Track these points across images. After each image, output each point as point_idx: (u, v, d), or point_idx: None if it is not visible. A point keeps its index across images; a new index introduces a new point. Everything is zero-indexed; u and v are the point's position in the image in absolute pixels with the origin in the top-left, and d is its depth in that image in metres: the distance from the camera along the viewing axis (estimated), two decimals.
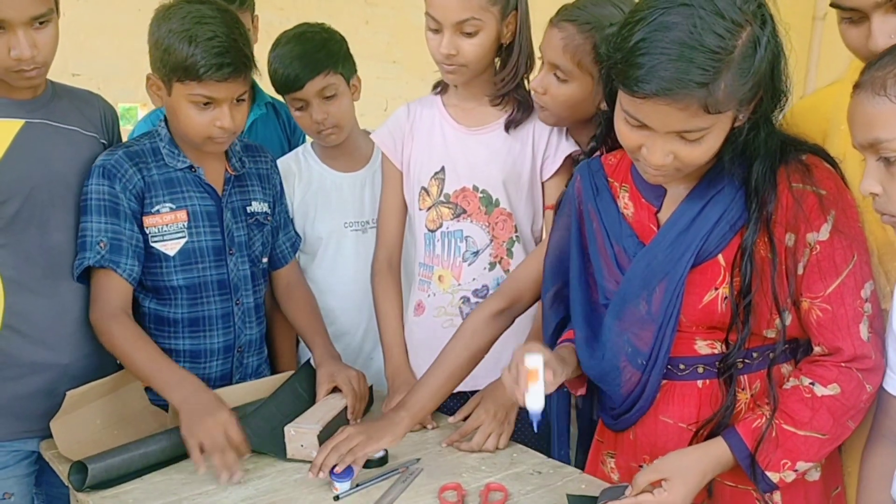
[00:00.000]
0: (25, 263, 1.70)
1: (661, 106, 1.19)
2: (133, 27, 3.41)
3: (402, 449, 1.66)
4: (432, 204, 1.86)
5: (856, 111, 1.24)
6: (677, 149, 1.25)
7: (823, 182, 1.32)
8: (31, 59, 1.61)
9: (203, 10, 1.69)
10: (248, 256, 1.89)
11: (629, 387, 1.44)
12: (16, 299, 1.69)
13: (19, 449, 1.74)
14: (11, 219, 1.67)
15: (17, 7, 1.56)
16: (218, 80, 1.67)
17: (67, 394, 1.64)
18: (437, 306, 1.87)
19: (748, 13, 1.19)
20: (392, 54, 4.16)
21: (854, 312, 1.31)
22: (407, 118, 1.92)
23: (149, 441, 1.60)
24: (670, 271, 1.36)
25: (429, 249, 1.88)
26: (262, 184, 1.95)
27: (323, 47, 2.02)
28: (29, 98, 1.71)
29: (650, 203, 1.44)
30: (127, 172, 1.74)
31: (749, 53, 1.19)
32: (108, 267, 1.72)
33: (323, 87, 2.01)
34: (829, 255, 1.31)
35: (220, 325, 1.85)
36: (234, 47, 1.68)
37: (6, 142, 1.66)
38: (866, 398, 1.32)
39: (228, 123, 1.72)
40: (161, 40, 1.68)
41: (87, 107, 1.85)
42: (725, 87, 1.17)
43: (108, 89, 3.26)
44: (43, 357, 1.72)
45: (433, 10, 1.70)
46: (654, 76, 1.17)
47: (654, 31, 1.18)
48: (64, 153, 1.75)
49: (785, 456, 1.32)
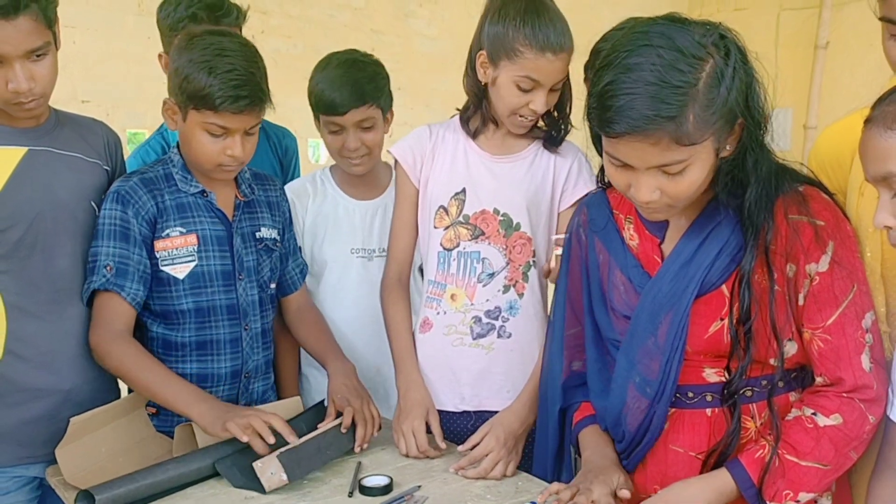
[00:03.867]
0: (29, 289, 1.70)
1: (635, 143, 1.23)
2: (141, 55, 3.49)
3: (406, 477, 1.65)
4: (450, 223, 1.87)
5: (868, 145, 1.27)
6: (662, 184, 1.28)
7: (821, 213, 1.33)
8: (29, 92, 1.62)
9: (224, 42, 1.74)
10: (256, 281, 1.90)
11: (637, 417, 1.44)
12: (19, 325, 1.69)
13: (21, 475, 1.74)
14: (15, 245, 1.68)
15: (13, 41, 1.58)
16: (233, 112, 1.70)
17: (71, 421, 1.64)
18: (448, 324, 1.87)
19: (708, 46, 1.23)
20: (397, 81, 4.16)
21: (855, 343, 1.32)
22: (429, 138, 1.93)
23: (156, 470, 1.60)
24: (675, 304, 1.38)
25: (442, 268, 1.88)
26: (272, 211, 1.97)
27: (372, 80, 2.06)
28: (32, 126, 1.73)
29: (653, 235, 1.46)
30: (141, 199, 1.76)
31: (714, 84, 1.22)
32: (113, 290, 1.73)
33: (364, 117, 2.04)
34: (828, 285, 1.32)
35: (227, 349, 1.85)
36: (252, 81, 1.72)
37: (9, 169, 1.68)
38: (869, 429, 1.33)
39: (239, 153, 1.75)
40: (181, 68, 1.72)
41: (90, 134, 1.86)
42: (694, 119, 1.21)
43: (116, 115, 3.31)
44: (45, 382, 1.72)
45: (531, 72, 1.71)
46: (623, 116, 1.21)
47: (620, 74, 1.23)
48: (67, 180, 1.76)
49: (788, 487, 1.32)
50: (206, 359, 1.84)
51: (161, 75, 3.45)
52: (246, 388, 1.90)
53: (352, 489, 1.60)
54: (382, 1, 4.35)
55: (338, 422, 1.76)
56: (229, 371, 1.86)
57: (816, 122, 5.14)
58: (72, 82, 1.82)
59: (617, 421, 1.48)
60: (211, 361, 1.84)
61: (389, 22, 4.33)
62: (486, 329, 1.84)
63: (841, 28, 5.12)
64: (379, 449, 1.80)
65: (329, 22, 4.18)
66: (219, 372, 1.85)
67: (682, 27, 1.25)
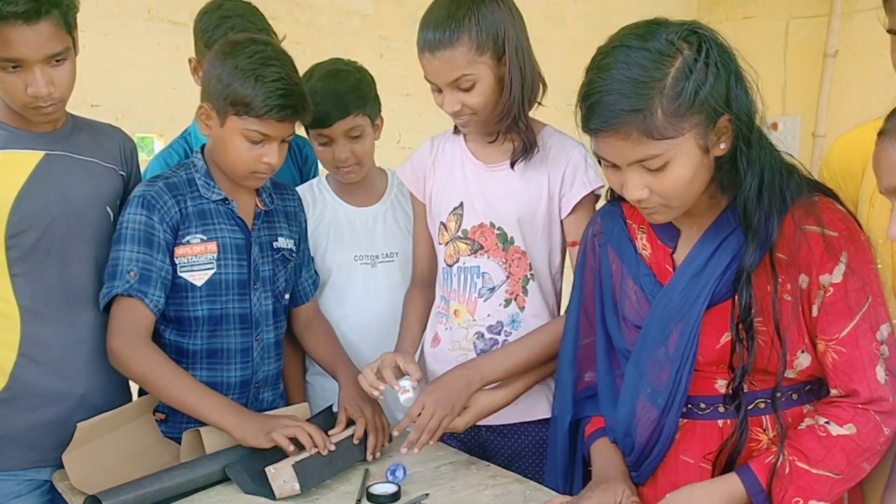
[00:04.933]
0: (44, 293, 1.71)
1: (609, 140, 1.27)
2: (151, 60, 3.51)
3: (414, 485, 1.65)
4: (450, 239, 1.86)
5: (881, 157, 1.27)
6: (647, 181, 1.29)
7: (834, 224, 1.32)
8: (48, 96, 1.63)
9: (268, 50, 1.74)
10: (271, 291, 1.90)
11: (647, 428, 1.44)
12: (33, 329, 1.70)
13: (32, 478, 1.74)
14: (31, 249, 1.68)
15: (34, 46, 1.58)
16: (277, 120, 1.71)
17: (78, 426, 1.64)
18: (453, 340, 1.87)
19: (677, 43, 1.25)
20: (406, 87, 4.18)
21: (870, 355, 1.31)
22: (430, 153, 1.93)
23: (163, 476, 1.60)
24: (686, 314, 1.37)
25: (446, 283, 1.88)
26: (289, 221, 1.97)
27: (355, 88, 2.04)
28: (49, 131, 1.74)
29: (665, 244, 1.46)
30: (166, 204, 1.76)
31: (681, 79, 1.23)
32: (136, 296, 1.72)
33: (351, 127, 2.03)
34: (842, 297, 1.31)
35: (238, 359, 1.85)
36: (296, 91, 1.74)
37: (26, 173, 1.68)
38: (883, 441, 1.31)
39: (275, 161, 1.76)
40: (224, 75, 1.71)
41: (106, 139, 1.87)
42: (662, 113, 1.23)
43: (125, 120, 3.33)
44: (59, 387, 1.73)
45: (428, 75, 1.73)
46: (593, 113, 1.27)
47: (594, 74, 1.28)
48: (83, 185, 1.76)
49: (797, 493, 1.30)
50: (216, 367, 1.83)
51: (170, 81, 3.51)
52: (255, 398, 1.90)
53: (360, 496, 1.60)
54: (391, 7, 4.36)
55: (350, 431, 1.76)
56: (239, 380, 1.86)
57: (825, 130, 5.14)
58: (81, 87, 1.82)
59: (626, 432, 1.48)
60: (221, 370, 1.84)
61: (398, 28, 4.33)
62: (490, 344, 1.83)
63: (850, 37, 5.12)
64: (387, 457, 1.80)
65: (338, 28, 4.18)
66: (228, 381, 1.85)
67: (658, 27, 1.28)
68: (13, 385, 1.70)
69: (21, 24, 1.55)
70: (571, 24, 5.01)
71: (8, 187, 1.66)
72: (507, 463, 1.86)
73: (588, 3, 5.13)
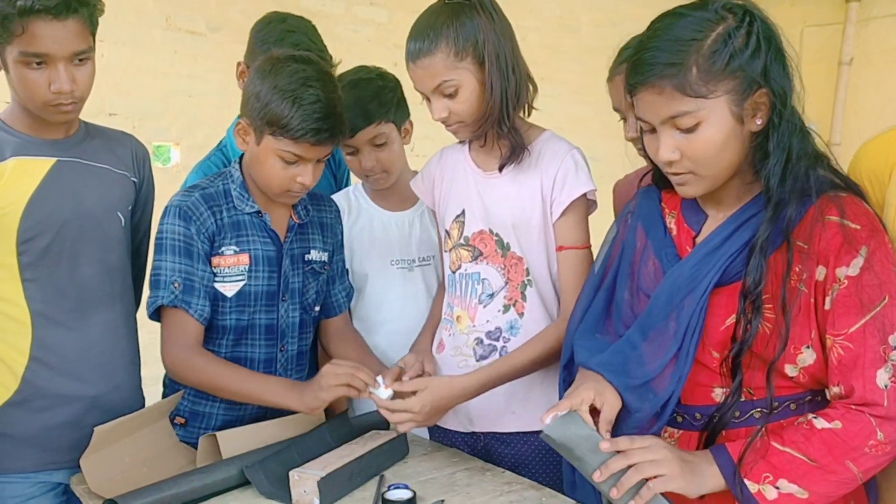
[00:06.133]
0: (55, 297, 1.73)
1: (646, 96, 1.33)
2: (168, 69, 3.54)
3: (430, 490, 1.65)
4: (453, 246, 1.88)
5: None
6: (679, 143, 1.33)
7: (858, 218, 1.31)
8: (70, 94, 1.65)
9: (309, 71, 1.72)
10: (300, 303, 1.90)
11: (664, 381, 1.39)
12: (44, 332, 1.72)
13: (45, 480, 1.76)
14: (42, 254, 1.71)
15: (61, 42, 1.61)
16: (312, 144, 1.71)
17: (95, 430, 1.65)
18: (455, 345, 1.88)
19: (723, 12, 1.30)
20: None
21: (875, 356, 1.27)
22: (438, 163, 1.95)
23: (180, 480, 1.60)
24: (694, 288, 1.37)
25: (451, 290, 1.90)
26: (324, 233, 1.97)
27: (376, 97, 2.04)
28: (61, 137, 1.76)
29: (691, 227, 1.47)
30: (202, 215, 1.77)
31: (721, 42, 1.28)
32: (181, 307, 1.73)
33: (374, 135, 2.04)
34: (856, 291, 1.28)
35: (261, 368, 1.85)
36: (334, 113, 1.72)
37: (37, 179, 1.71)
38: (874, 444, 1.26)
39: (309, 181, 1.76)
40: (263, 94, 1.70)
41: (118, 146, 1.89)
42: (697, 71, 1.28)
43: (142, 128, 3.36)
44: (71, 389, 1.75)
45: (415, 85, 1.76)
46: (634, 69, 1.34)
47: (644, 36, 1.36)
48: (95, 190, 1.79)
49: (767, 469, 1.28)
50: None
51: (187, 89, 3.55)
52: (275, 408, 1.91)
53: (375, 502, 1.60)
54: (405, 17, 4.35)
55: (373, 445, 1.75)
56: None
57: (840, 138, 5.11)
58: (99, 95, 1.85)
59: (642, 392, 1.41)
60: None
61: None
62: (489, 350, 1.84)
63: (865, 44, 5.10)
64: (402, 462, 1.81)
65: (352, 37, 4.21)
66: None
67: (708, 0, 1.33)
68: (25, 388, 1.72)
69: (51, 19, 1.59)
70: (585, 33, 5.02)
71: (20, 193, 1.68)
72: (512, 471, 1.85)
73: (602, 11, 5.14)
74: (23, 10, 1.56)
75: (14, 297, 1.71)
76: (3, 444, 1.72)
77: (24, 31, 1.58)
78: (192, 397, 1.87)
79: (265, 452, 1.68)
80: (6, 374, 1.71)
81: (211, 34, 3.62)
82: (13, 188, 1.68)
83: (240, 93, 1.83)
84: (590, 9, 5.12)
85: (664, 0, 1.46)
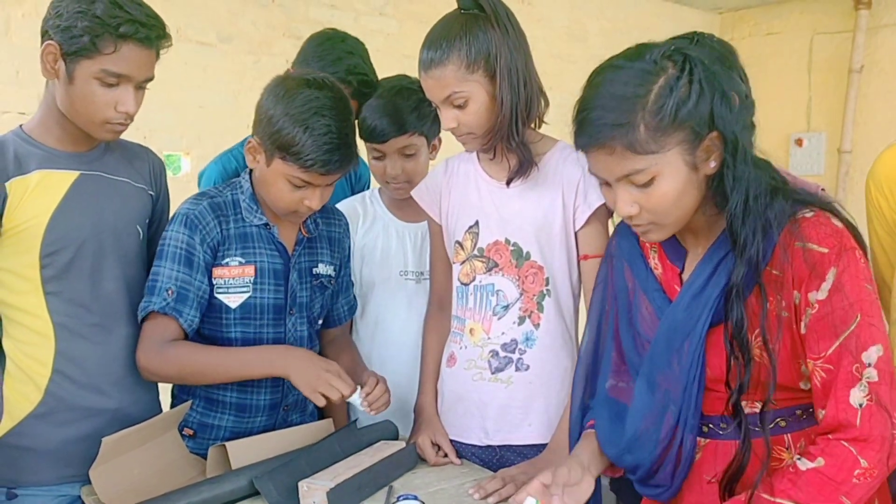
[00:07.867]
0: (77, 311, 1.74)
1: (597, 155, 1.32)
2: (178, 81, 3.55)
3: (438, 501, 1.65)
4: (466, 258, 1.87)
5: None
6: (636, 197, 1.32)
7: (824, 240, 1.29)
8: (130, 116, 1.70)
9: (322, 98, 1.71)
10: (306, 317, 1.90)
11: (661, 442, 1.42)
12: (67, 345, 1.73)
13: (65, 494, 1.75)
14: (65, 267, 1.71)
15: (142, 68, 1.68)
16: (321, 174, 1.71)
17: (103, 441, 1.65)
18: (468, 359, 1.87)
19: (662, 62, 1.28)
20: None
21: (847, 376, 1.25)
22: (444, 173, 1.94)
23: (189, 491, 1.60)
24: (691, 332, 1.37)
25: (462, 302, 1.88)
26: (332, 247, 1.97)
27: (416, 108, 2.05)
28: (84, 151, 1.77)
29: (674, 264, 1.47)
30: (208, 225, 1.77)
31: (664, 95, 1.26)
32: (171, 315, 1.74)
33: (405, 145, 2.06)
34: (826, 314, 1.27)
35: (268, 382, 1.85)
36: (344, 143, 1.72)
37: (61, 193, 1.71)
38: (860, 473, 1.23)
39: (316, 205, 1.77)
40: (275, 118, 1.70)
41: (137, 159, 1.90)
42: (644, 128, 1.26)
43: (153, 138, 3.36)
44: (92, 402, 1.75)
45: (426, 93, 1.76)
46: (582, 130, 1.32)
47: (585, 93, 1.34)
48: (115, 204, 1.79)
49: None
50: (246, 389, 1.85)
51: (198, 100, 3.56)
52: (284, 420, 1.91)
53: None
54: (414, 27, 4.39)
55: (383, 455, 1.76)
56: (268, 403, 1.87)
57: (850, 146, 5.09)
58: None
59: (628, 449, 1.45)
60: (251, 392, 1.85)
61: None
62: (504, 363, 1.83)
63: (876, 52, 5.08)
64: (410, 473, 1.80)
65: None
66: (258, 403, 1.86)
67: (645, 48, 1.32)
68: (48, 400, 1.72)
69: (141, 46, 1.65)
70: (593, 42, 5.02)
71: (44, 207, 1.69)
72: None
73: (610, 21, 5.14)
74: (122, 34, 1.62)
75: (37, 310, 1.71)
76: (24, 457, 1.72)
77: (114, 51, 1.62)
78: (200, 409, 1.87)
79: (274, 463, 1.68)
80: (29, 386, 1.72)
81: (221, 45, 3.63)
82: (38, 201, 1.69)
83: (249, 102, 1.84)
84: (598, 18, 5.13)
85: (671, 8, 1.46)
